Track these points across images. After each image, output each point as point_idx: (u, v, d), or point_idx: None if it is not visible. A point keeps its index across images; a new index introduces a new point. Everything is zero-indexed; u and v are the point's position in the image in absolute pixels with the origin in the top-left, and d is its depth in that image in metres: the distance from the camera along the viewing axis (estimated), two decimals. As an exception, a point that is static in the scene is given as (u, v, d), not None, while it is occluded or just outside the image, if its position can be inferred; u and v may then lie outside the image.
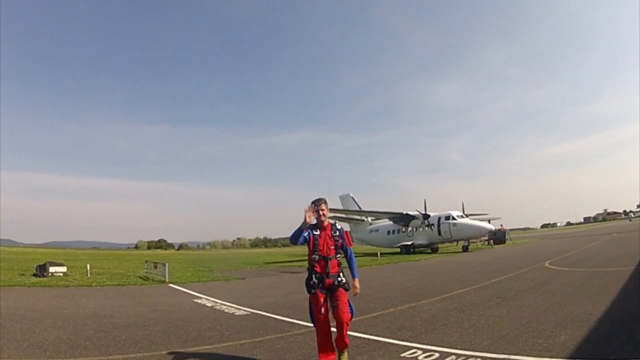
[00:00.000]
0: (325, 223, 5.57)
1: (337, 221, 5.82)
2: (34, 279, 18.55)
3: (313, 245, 5.44)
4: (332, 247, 5.46)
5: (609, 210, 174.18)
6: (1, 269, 23.51)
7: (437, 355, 5.71)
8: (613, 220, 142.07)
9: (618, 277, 11.98)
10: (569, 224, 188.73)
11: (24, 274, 20.46)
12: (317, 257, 5.43)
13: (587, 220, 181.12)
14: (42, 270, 20.06)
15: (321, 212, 5.52)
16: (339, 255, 5.53)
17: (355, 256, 5.83)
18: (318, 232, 5.47)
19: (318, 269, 5.42)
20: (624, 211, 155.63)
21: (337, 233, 5.55)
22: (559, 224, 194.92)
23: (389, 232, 45.30)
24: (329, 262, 5.41)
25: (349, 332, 5.56)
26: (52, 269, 20.18)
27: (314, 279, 5.40)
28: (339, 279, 5.40)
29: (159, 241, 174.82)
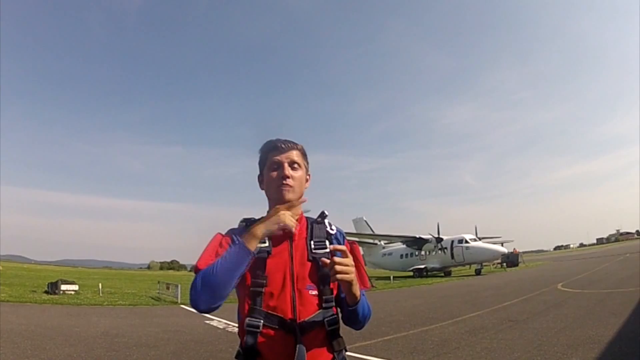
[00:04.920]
0: (295, 219, 1.77)
1: (328, 218, 1.96)
2: (46, 296, 18.75)
3: (251, 281, 1.71)
4: (314, 292, 1.73)
5: (621, 231, 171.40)
6: (13, 285, 23.77)
7: (448, 378, 5.72)
8: (626, 240, 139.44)
9: (630, 298, 11.88)
10: (581, 245, 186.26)
11: (35, 291, 20.67)
12: (259, 322, 1.65)
13: (599, 241, 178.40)
14: (53, 287, 20.24)
15: (287, 177, 1.81)
16: (330, 317, 1.73)
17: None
18: (267, 245, 1.74)
19: None
20: (637, 231, 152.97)
21: (325, 245, 1.82)
22: (571, 246, 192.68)
23: (402, 256, 45.09)
24: (303, 336, 1.65)
25: (359, 355, 5.42)
26: (63, 287, 20.35)
27: None
28: None
29: (172, 262, 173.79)
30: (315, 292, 1.73)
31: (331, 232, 1.89)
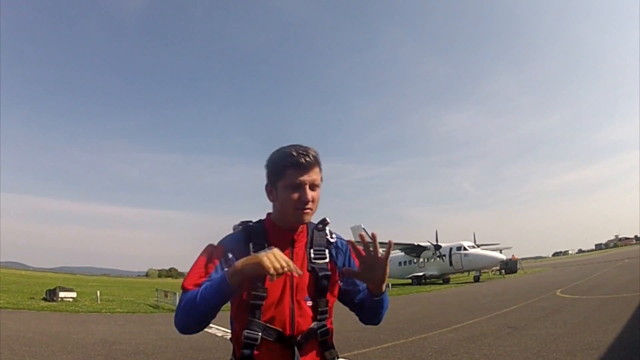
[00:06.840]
0: (305, 221, 1.72)
1: (329, 226, 1.88)
2: (44, 303, 18.70)
3: (250, 293, 1.62)
4: (310, 303, 1.71)
5: (620, 236, 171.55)
6: (11, 292, 23.73)
7: (447, 385, 5.71)
8: (625, 246, 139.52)
9: (629, 304, 11.84)
10: (580, 251, 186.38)
11: (33, 298, 20.65)
12: (257, 334, 1.61)
13: (598, 247, 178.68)
14: (51, 294, 20.23)
15: (308, 202, 1.67)
16: (322, 328, 1.72)
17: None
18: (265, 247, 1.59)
19: None
20: (636, 236, 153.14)
21: (325, 255, 1.78)
22: (570, 252, 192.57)
23: (400, 263, 44.91)
24: (302, 345, 1.67)
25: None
26: (62, 294, 20.36)
27: None
28: None
29: (170, 270, 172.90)
30: (311, 304, 1.70)
31: (331, 240, 1.82)
